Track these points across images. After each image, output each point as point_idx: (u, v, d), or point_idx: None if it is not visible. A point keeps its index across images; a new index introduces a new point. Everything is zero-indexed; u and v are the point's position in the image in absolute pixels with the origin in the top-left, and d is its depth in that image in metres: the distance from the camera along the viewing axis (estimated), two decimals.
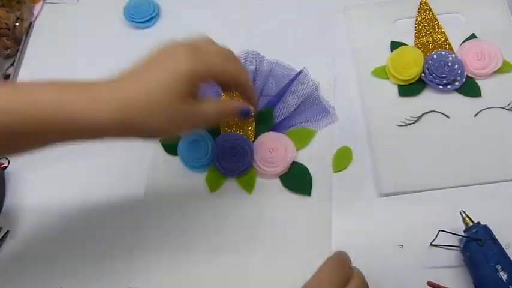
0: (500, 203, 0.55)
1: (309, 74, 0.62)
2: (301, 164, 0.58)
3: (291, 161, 0.57)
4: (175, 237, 0.55)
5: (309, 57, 0.64)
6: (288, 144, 0.58)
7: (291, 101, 0.61)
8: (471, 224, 0.51)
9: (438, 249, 0.52)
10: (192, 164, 0.58)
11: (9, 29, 0.69)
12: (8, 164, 0.60)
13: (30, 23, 0.73)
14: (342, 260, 0.44)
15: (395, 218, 0.55)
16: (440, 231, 0.52)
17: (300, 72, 0.62)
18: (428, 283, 0.48)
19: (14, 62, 0.69)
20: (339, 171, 0.58)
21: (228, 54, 0.48)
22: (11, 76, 0.68)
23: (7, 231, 0.57)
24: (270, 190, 0.57)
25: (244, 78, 0.49)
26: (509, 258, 0.48)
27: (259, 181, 0.58)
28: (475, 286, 0.49)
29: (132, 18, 0.70)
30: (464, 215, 0.51)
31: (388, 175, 0.57)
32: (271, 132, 0.59)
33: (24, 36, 0.71)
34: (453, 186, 0.56)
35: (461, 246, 0.51)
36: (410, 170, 0.57)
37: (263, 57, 0.64)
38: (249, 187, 0.57)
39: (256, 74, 0.63)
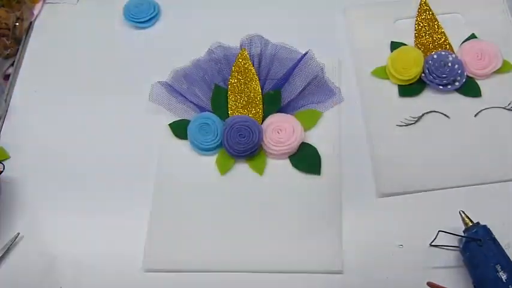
0: (500, 203, 0.55)
1: (314, 56, 0.63)
2: (310, 145, 0.59)
3: (299, 142, 0.58)
4: (188, 220, 0.56)
5: (312, 42, 0.64)
6: (296, 125, 0.59)
7: (297, 83, 0.62)
8: (470, 224, 0.51)
9: (438, 249, 0.52)
10: (202, 147, 0.59)
11: (9, 29, 0.69)
12: (3, 169, 0.60)
13: (30, 23, 0.73)
14: None
15: (395, 218, 0.55)
16: (440, 232, 0.52)
17: (305, 54, 0.62)
18: (428, 283, 0.48)
19: (14, 62, 0.69)
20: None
21: None
22: (11, 76, 0.68)
23: (17, 233, 0.57)
24: (280, 171, 0.58)
25: None
26: (508, 258, 0.48)
27: (269, 162, 0.59)
28: (474, 286, 0.49)
29: (132, 18, 0.70)
30: (463, 215, 0.51)
31: (388, 175, 0.57)
32: (279, 114, 0.60)
33: (24, 36, 0.71)
34: (453, 186, 0.56)
35: (461, 246, 0.51)
36: (410, 170, 0.57)
37: (267, 41, 0.64)
38: (259, 168, 0.58)
39: (261, 57, 0.63)
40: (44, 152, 0.61)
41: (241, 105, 0.61)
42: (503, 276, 0.46)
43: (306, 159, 0.58)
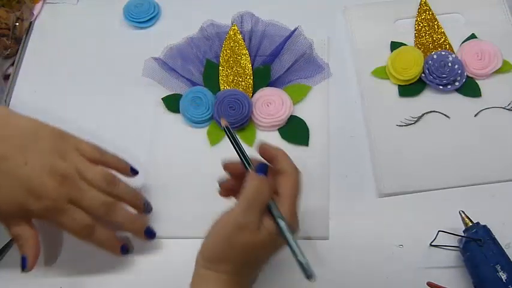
0: (500, 203, 0.55)
1: (303, 32, 0.64)
2: (298, 117, 0.61)
3: (288, 114, 0.60)
4: (181, 189, 0.58)
5: (302, 19, 0.66)
6: (285, 98, 0.61)
7: (286, 59, 0.64)
8: (470, 224, 0.51)
9: (438, 249, 0.52)
10: (194, 120, 0.61)
11: (9, 29, 0.69)
12: None
13: (30, 23, 0.73)
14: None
15: (395, 218, 0.55)
16: (440, 232, 0.52)
17: (294, 31, 0.64)
18: (428, 283, 0.48)
19: (14, 62, 0.69)
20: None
21: None
22: (11, 76, 0.68)
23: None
24: (270, 142, 0.58)
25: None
26: (508, 258, 0.48)
27: (259, 134, 0.61)
28: (474, 286, 0.49)
29: (132, 18, 0.70)
30: (463, 215, 0.51)
31: (388, 175, 0.57)
32: (268, 88, 0.62)
33: (24, 36, 0.71)
34: (453, 186, 0.56)
35: (461, 246, 0.51)
36: (411, 170, 0.57)
37: (258, 18, 0.66)
38: (249, 140, 0.60)
39: (252, 34, 0.65)
40: None
41: (232, 80, 0.63)
42: (503, 276, 0.47)
43: (295, 131, 0.60)
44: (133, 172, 0.55)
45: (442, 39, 0.64)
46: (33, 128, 0.50)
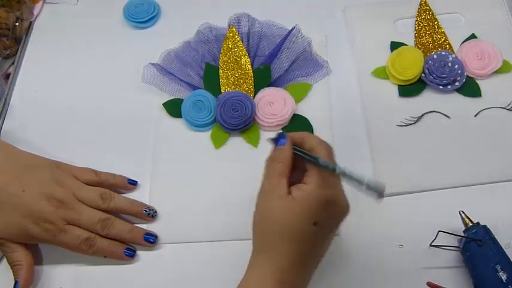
0: (500, 203, 0.55)
1: (301, 31, 0.65)
2: (301, 116, 0.61)
3: (291, 113, 0.60)
4: (186, 194, 0.58)
5: (300, 18, 0.66)
6: (287, 97, 0.61)
7: (286, 58, 0.64)
8: (470, 224, 0.51)
9: (438, 249, 0.52)
10: (197, 124, 0.61)
11: (9, 29, 0.69)
12: None
13: (30, 23, 0.73)
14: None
15: (395, 218, 0.55)
16: (440, 232, 0.52)
17: (292, 30, 0.64)
18: (428, 283, 0.48)
19: (14, 62, 0.69)
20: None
21: None
22: (11, 76, 0.68)
23: None
24: None
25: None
26: (508, 258, 0.48)
27: (263, 135, 0.61)
28: (474, 286, 0.49)
29: (132, 18, 0.70)
30: (463, 215, 0.51)
31: (388, 175, 0.57)
32: (270, 88, 0.62)
33: (24, 36, 0.71)
34: (453, 186, 0.56)
35: (461, 246, 0.51)
36: (410, 170, 0.57)
37: (254, 19, 0.66)
38: (254, 141, 0.60)
39: (249, 35, 0.65)
40: (43, 152, 0.61)
41: (232, 81, 0.63)
42: (503, 276, 0.47)
43: (299, 129, 0.60)
44: (132, 183, 0.58)
45: (442, 39, 0.64)
46: (31, 160, 0.54)
